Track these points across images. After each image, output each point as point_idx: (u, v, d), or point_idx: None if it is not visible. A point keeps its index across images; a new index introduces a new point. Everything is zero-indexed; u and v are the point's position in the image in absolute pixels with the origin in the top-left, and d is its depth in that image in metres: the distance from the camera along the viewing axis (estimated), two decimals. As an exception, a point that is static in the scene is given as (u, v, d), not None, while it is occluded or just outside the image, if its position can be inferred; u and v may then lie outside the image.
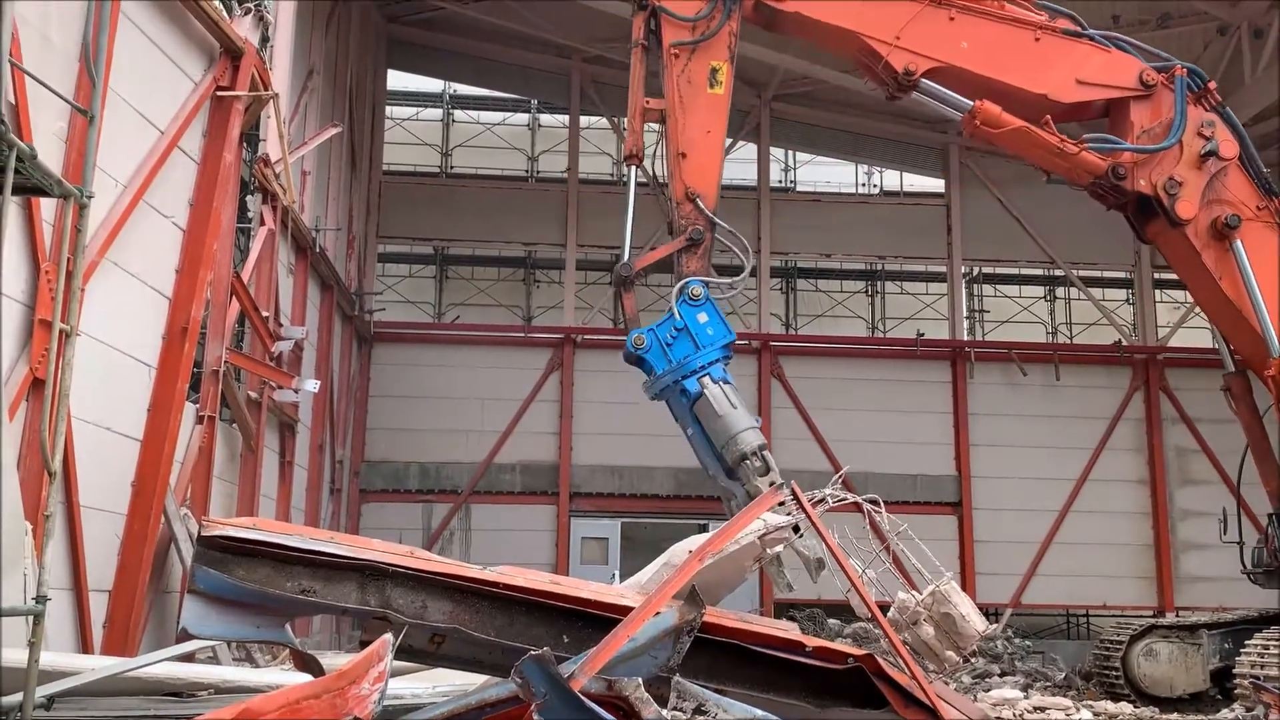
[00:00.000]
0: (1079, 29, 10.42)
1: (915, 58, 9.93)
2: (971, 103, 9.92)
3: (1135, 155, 10.21)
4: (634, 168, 9.80)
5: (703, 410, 8.36)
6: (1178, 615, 18.62)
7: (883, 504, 8.80)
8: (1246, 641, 11.54)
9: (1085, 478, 22.65)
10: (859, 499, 8.65)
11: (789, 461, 21.75)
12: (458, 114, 24.92)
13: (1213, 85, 10.62)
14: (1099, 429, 22.86)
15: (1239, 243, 10.38)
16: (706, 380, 8.42)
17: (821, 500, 8.32)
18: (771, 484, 8.04)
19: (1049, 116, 10.00)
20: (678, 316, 8.70)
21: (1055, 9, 10.39)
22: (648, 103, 9.74)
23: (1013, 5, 10.30)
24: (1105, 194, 10.50)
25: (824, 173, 25.39)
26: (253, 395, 12.85)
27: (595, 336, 22.70)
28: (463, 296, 24.06)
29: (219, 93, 10.43)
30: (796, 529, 7.22)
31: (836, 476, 9.70)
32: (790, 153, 25.27)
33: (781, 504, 6.74)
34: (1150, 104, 10.36)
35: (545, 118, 24.92)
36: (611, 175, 24.50)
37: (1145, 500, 22.75)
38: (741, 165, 24.20)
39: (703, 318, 8.79)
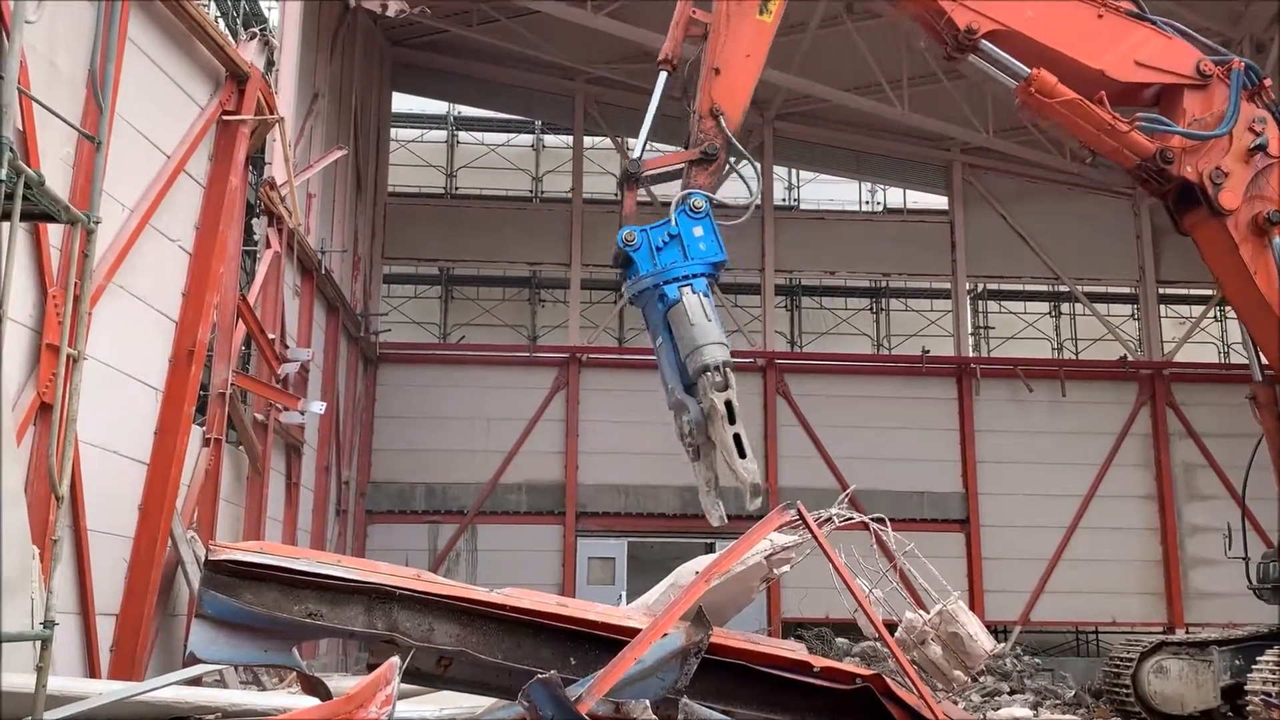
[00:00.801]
0: (1140, 11, 10.41)
1: (979, 17, 9.93)
2: (1028, 70, 9.89)
3: (1185, 141, 10.17)
4: (665, 72, 9.45)
5: (675, 317, 8.07)
6: (1188, 632, 18.54)
7: (889, 523, 8.76)
8: (1258, 658, 11.47)
9: (1092, 494, 22.58)
10: (865, 518, 8.61)
11: (795, 480, 21.81)
12: (462, 135, 25.03)
13: (1268, 83, 10.60)
14: (1106, 444, 22.80)
15: (1278, 239, 10.35)
16: (687, 290, 8.17)
17: (828, 520, 8.28)
18: (728, 402, 7.76)
19: (1103, 93, 9.96)
20: (673, 223, 8.44)
21: None
22: (694, 12, 9.52)
23: None
24: (1149, 179, 10.44)
25: (828, 191, 25.43)
26: (259, 417, 12.87)
27: (600, 355, 22.72)
28: (468, 317, 24.11)
29: (225, 117, 10.50)
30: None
31: (843, 496, 9.66)
32: (794, 171, 25.33)
33: (788, 524, 6.72)
34: (1204, 94, 10.34)
35: (549, 138, 25.02)
36: (615, 195, 24.54)
37: (1153, 516, 22.67)
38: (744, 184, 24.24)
39: (698, 231, 8.54)
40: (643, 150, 9.14)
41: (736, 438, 7.47)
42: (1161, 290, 24.34)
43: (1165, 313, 24.64)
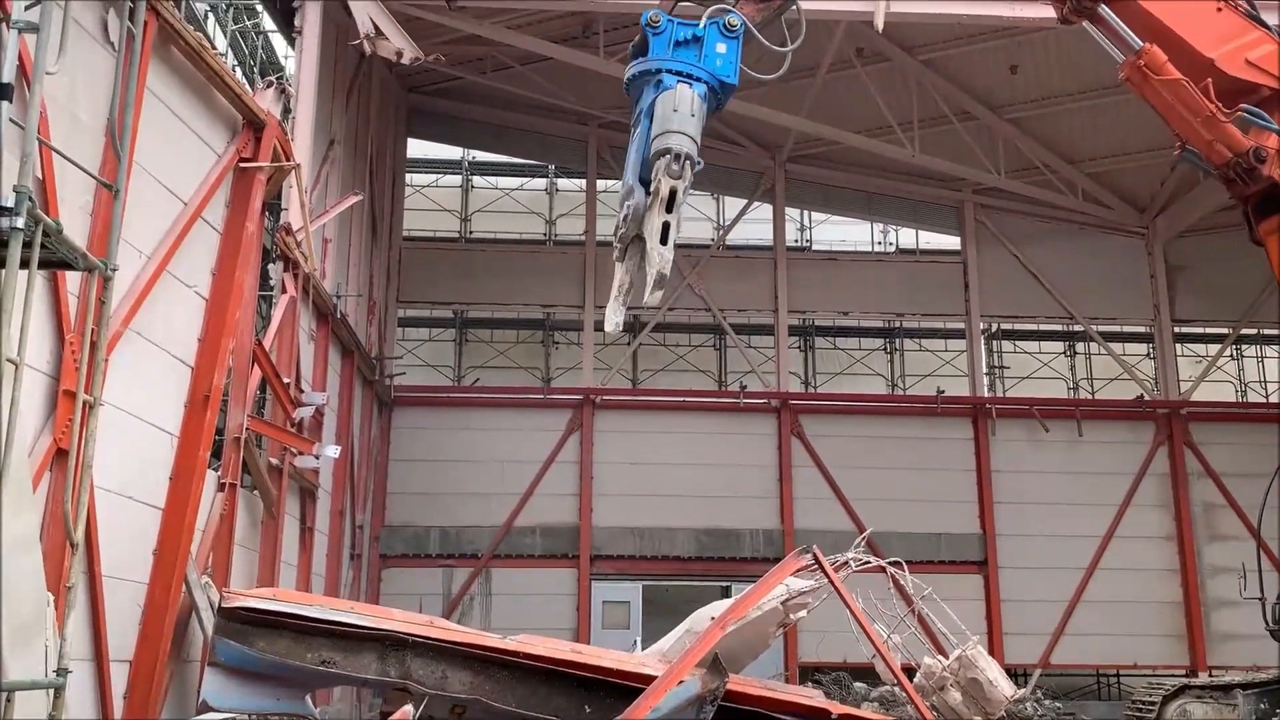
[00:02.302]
0: (1256, 14, 10.42)
1: None
2: (1141, 43, 9.87)
3: None
4: None
5: (662, 100, 7.74)
6: (1211, 675, 18.25)
7: (906, 566, 8.68)
8: (1283, 702, 11.29)
9: (1111, 534, 22.38)
10: (882, 562, 8.53)
11: (810, 522, 21.72)
12: (476, 180, 25.22)
13: None
14: (1124, 485, 22.63)
15: None
16: (685, 84, 7.93)
17: (845, 564, 8.21)
18: (674, 190, 7.51)
19: (1209, 81, 9.94)
20: (702, 27, 8.16)
21: None
22: None
23: None
24: (1235, 179, 10.37)
25: (840, 231, 25.51)
26: (274, 461, 12.88)
27: (614, 397, 22.72)
28: (482, 359, 24.17)
29: (242, 164, 10.60)
30: None
31: (860, 539, 9.58)
32: (805, 212, 25.42)
33: (805, 568, 6.66)
34: None
35: (563, 182, 25.19)
36: (628, 237, 24.64)
37: (1174, 557, 22.43)
38: (757, 225, 24.39)
39: (721, 48, 8.23)
40: None
41: (665, 225, 7.28)
42: (1177, 329, 24.24)
43: (1181, 351, 24.52)
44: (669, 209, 7.28)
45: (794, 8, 8.91)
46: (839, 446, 22.40)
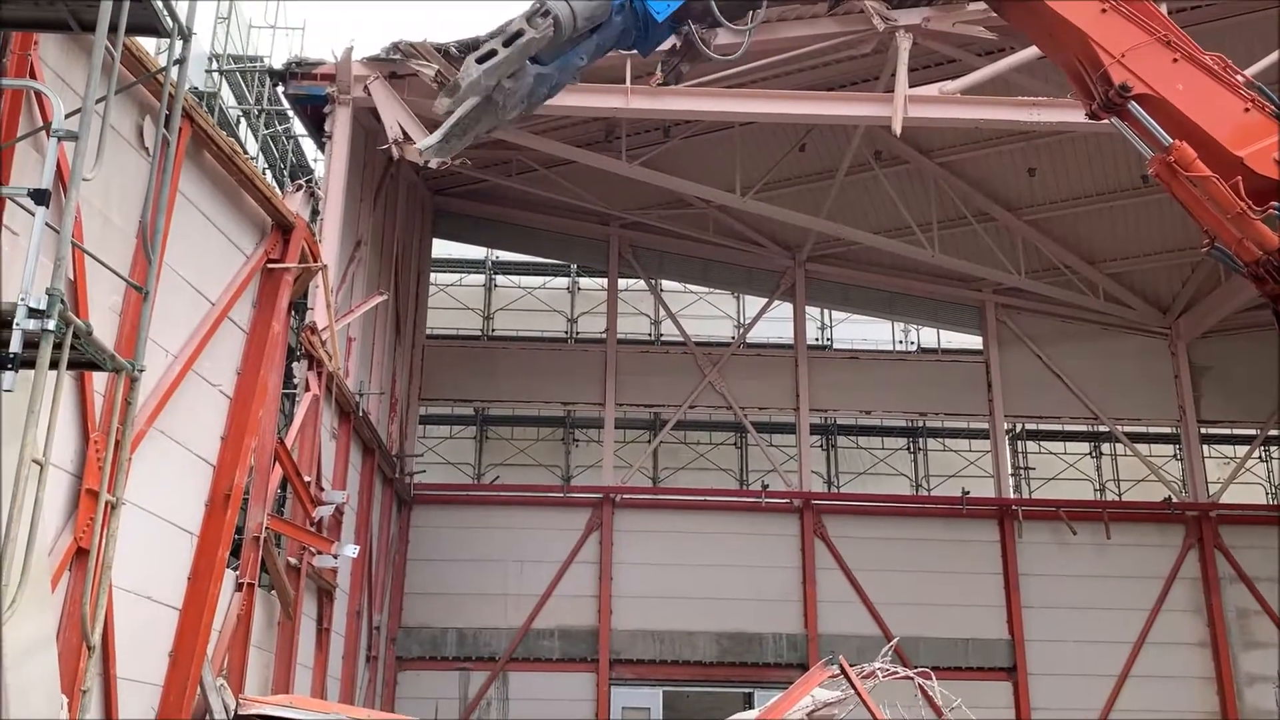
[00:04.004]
0: None
1: (1134, 78, 10.04)
2: (1170, 140, 9.94)
3: None
4: None
5: None
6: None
7: (934, 676, 8.46)
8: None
9: (1143, 640, 21.84)
10: (910, 672, 8.32)
11: (834, 627, 21.32)
12: (499, 279, 25.51)
13: None
14: (1154, 589, 22.16)
15: None
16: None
17: (872, 673, 8.01)
18: (520, 32, 7.25)
19: (1239, 179, 9.99)
20: None
21: (1265, 90, 10.49)
22: None
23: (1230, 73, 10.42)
24: (1266, 277, 10.35)
25: (861, 330, 25.55)
26: (292, 561, 12.78)
27: (635, 496, 22.56)
28: (502, 457, 24.11)
29: (270, 265, 10.75)
30: None
31: (887, 648, 9.39)
32: (826, 311, 25.52)
33: (832, 678, 6.50)
34: None
35: (584, 281, 25.44)
36: (649, 335, 24.85)
37: (1208, 664, 21.82)
38: (778, 324, 24.47)
39: None
40: None
41: (492, 52, 7.13)
42: (1203, 430, 23.99)
43: (1208, 452, 24.22)
44: (506, 44, 7.24)
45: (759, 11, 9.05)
46: (863, 548, 22.08)
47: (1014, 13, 10.80)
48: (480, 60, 7.21)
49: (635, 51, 8.74)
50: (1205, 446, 24.05)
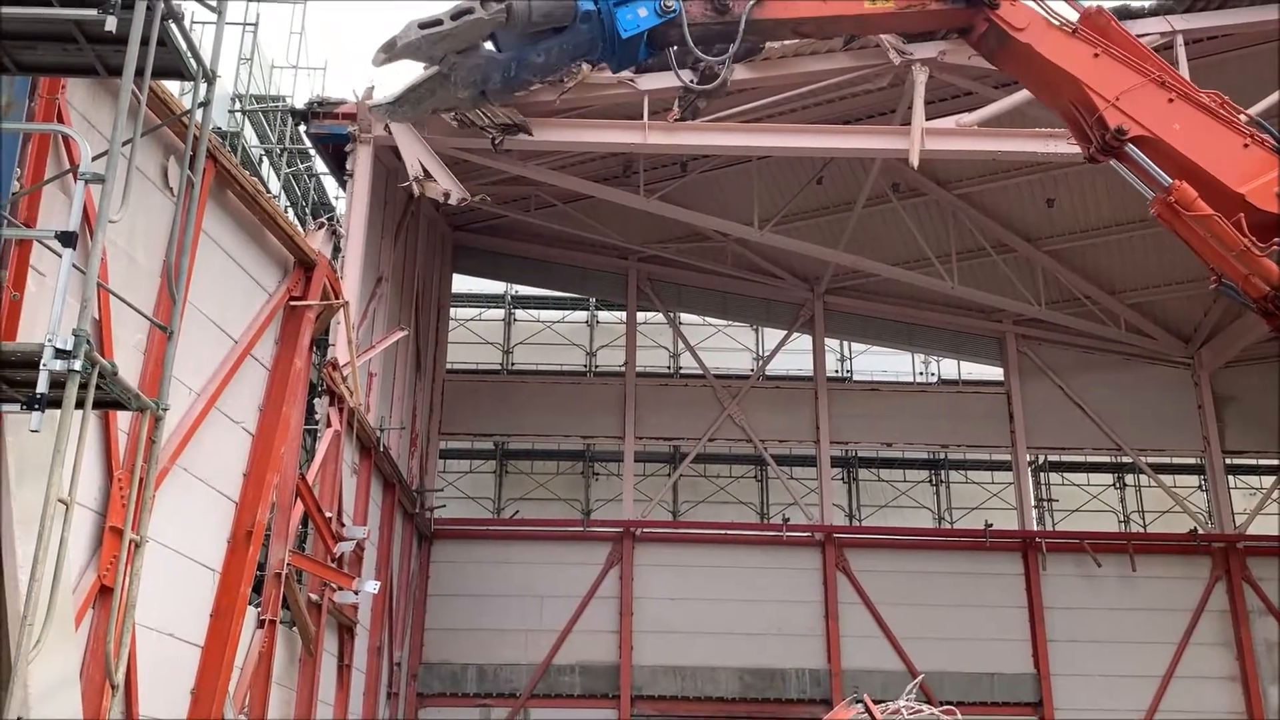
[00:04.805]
0: None
1: (1129, 121, 10.02)
2: (1170, 180, 9.91)
3: None
4: None
5: None
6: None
7: (959, 713, 8.38)
8: None
9: (1171, 674, 21.53)
10: (935, 710, 8.25)
11: (858, 662, 21.13)
12: (519, 313, 25.63)
13: None
14: (1181, 622, 21.87)
15: None
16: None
17: (897, 711, 7.95)
18: (471, 10, 7.41)
19: (1242, 216, 9.94)
20: None
21: (1265, 125, 10.46)
22: None
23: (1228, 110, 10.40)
24: (1275, 312, 10.29)
25: (881, 362, 25.48)
26: (313, 597, 12.79)
27: (655, 530, 22.49)
28: (522, 491, 24.10)
29: (292, 302, 10.84)
30: None
31: (913, 684, 9.30)
32: (846, 343, 25.49)
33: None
34: None
35: (603, 315, 25.53)
36: (668, 368, 24.87)
37: (1238, 699, 21.47)
38: (797, 356, 24.44)
39: (643, 11, 8.20)
40: None
41: (438, 20, 7.26)
42: (1228, 460, 23.75)
43: (1233, 483, 23.96)
44: (454, 18, 7.39)
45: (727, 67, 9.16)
46: (886, 582, 21.91)
47: (1006, 62, 10.85)
48: (423, 26, 7.43)
49: (605, 65, 8.87)
50: (1230, 477, 23.80)
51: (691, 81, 10.32)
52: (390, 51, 7.46)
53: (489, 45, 8.29)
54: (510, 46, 8.17)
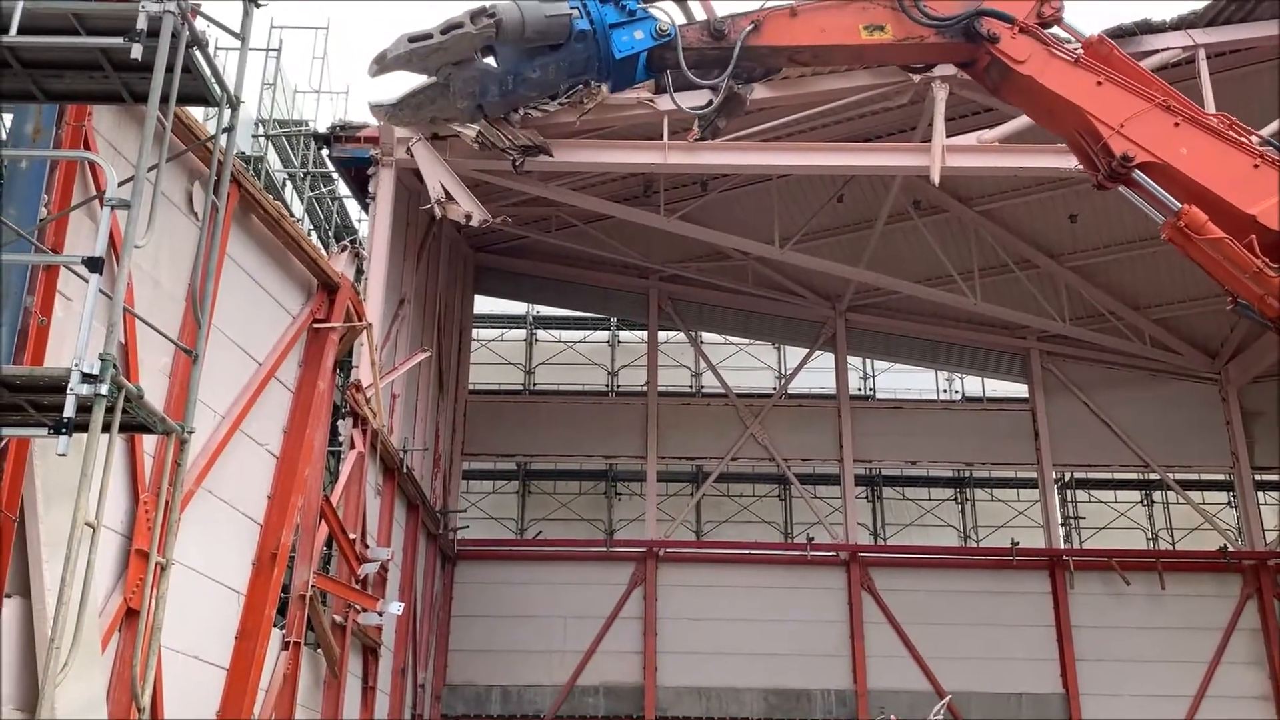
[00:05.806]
0: None
1: (1135, 147, 9.97)
2: (1179, 205, 9.84)
3: None
4: None
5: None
6: None
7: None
8: None
9: (1202, 694, 21.23)
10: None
11: (884, 682, 20.94)
12: (540, 334, 25.69)
13: None
14: (1212, 641, 21.58)
15: None
16: (576, 9, 8.14)
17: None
18: (460, 25, 7.68)
19: (1254, 237, 9.85)
20: (643, 9, 8.27)
21: (1274, 144, 10.39)
22: None
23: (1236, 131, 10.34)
24: None
25: (904, 380, 25.35)
26: (337, 619, 12.81)
27: (678, 550, 22.41)
28: (544, 511, 24.09)
29: (316, 325, 10.90)
30: None
31: (940, 705, 9.22)
32: (868, 361, 25.39)
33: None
34: None
35: (624, 334, 25.54)
36: (690, 387, 24.84)
37: (1272, 718, 21.16)
38: (820, 374, 24.36)
39: (639, 34, 8.34)
40: None
41: (427, 34, 7.57)
42: (1257, 476, 23.47)
43: (1263, 500, 23.68)
44: (444, 32, 7.55)
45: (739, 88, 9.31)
46: (911, 601, 21.73)
47: (1010, 93, 10.83)
48: (412, 40, 7.63)
49: (605, 83, 8.99)
50: (1259, 493, 23.52)
51: (709, 102, 10.37)
52: (381, 63, 7.65)
53: (490, 60, 8.43)
54: (507, 61, 8.28)
